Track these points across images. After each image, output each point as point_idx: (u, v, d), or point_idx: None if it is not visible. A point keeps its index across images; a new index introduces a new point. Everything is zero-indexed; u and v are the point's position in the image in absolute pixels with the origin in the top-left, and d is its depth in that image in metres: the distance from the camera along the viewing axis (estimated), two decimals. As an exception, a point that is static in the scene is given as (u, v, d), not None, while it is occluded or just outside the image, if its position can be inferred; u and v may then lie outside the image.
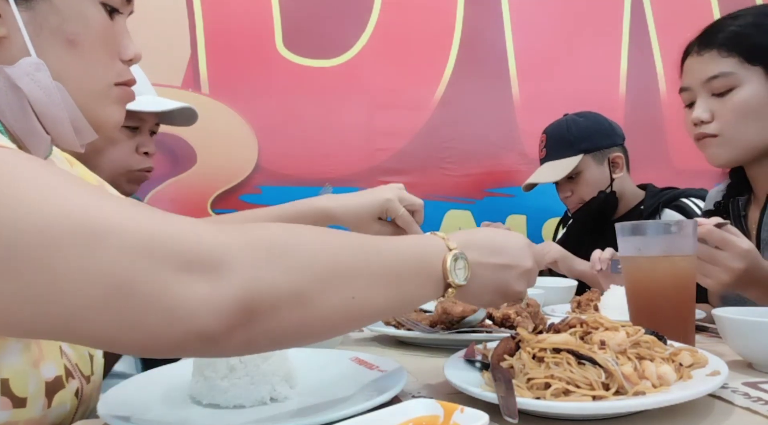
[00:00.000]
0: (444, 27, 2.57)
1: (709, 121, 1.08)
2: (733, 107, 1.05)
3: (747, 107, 1.05)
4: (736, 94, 1.05)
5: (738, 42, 1.05)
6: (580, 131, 1.80)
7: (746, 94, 1.05)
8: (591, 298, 1.16)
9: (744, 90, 1.05)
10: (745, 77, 1.05)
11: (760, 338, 0.68)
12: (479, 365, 0.65)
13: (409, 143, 2.50)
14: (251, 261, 0.41)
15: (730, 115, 1.06)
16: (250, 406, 0.58)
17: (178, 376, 0.63)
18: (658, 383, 0.55)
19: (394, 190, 0.98)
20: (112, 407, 0.54)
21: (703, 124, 1.09)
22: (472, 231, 0.62)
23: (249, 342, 0.43)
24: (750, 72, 1.05)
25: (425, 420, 0.47)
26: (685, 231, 0.78)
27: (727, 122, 1.06)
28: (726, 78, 1.05)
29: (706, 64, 1.08)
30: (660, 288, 0.79)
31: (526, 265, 0.62)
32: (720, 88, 1.06)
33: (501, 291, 0.61)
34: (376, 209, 0.96)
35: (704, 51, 1.09)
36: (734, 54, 1.05)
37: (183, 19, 2.33)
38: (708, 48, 1.08)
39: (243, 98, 2.34)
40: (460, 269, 0.55)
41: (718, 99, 1.07)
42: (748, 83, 1.05)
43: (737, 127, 1.06)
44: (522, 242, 0.63)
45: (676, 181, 1.84)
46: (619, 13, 2.70)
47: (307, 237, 0.47)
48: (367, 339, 1.04)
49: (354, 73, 2.47)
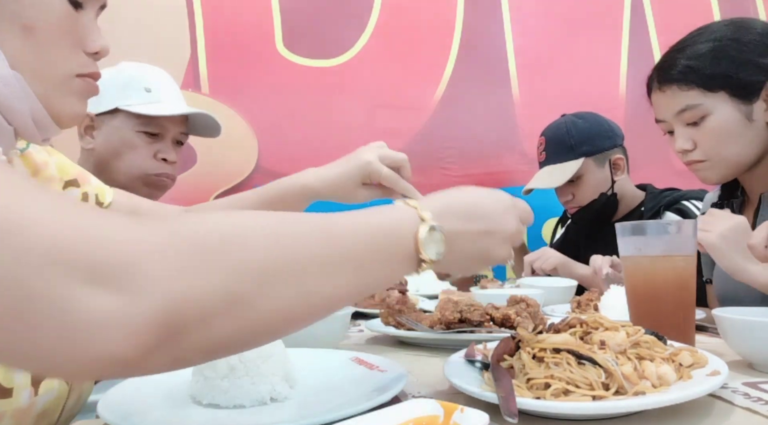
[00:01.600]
0: (444, 27, 2.57)
1: (692, 149, 1.11)
2: (711, 134, 1.09)
3: (723, 131, 1.08)
4: (709, 121, 1.08)
5: (694, 75, 1.08)
6: (580, 134, 1.76)
7: (719, 120, 1.07)
8: (591, 298, 1.16)
9: (715, 116, 1.08)
10: (712, 105, 1.07)
11: (760, 338, 0.68)
12: (479, 365, 0.65)
13: (409, 143, 2.50)
14: (173, 265, 0.34)
15: (710, 141, 1.09)
16: (250, 406, 0.58)
17: (178, 376, 0.63)
18: (658, 383, 0.55)
19: (373, 149, 0.93)
20: (112, 407, 0.54)
21: (688, 153, 1.12)
22: (448, 195, 0.55)
23: (176, 360, 0.36)
24: (715, 99, 1.07)
25: (425, 420, 0.47)
26: (685, 231, 0.79)
27: (709, 147, 1.10)
28: (694, 109, 1.08)
29: (671, 99, 1.11)
30: (660, 288, 0.79)
31: (509, 229, 0.56)
32: (692, 118, 1.09)
33: (482, 259, 0.56)
34: (358, 175, 0.91)
35: (664, 87, 1.12)
36: (693, 86, 1.08)
37: (183, 19, 2.33)
38: (668, 84, 1.11)
39: (243, 98, 2.34)
40: (435, 242, 0.49)
41: (694, 127, 1.10)
42: (717, 109, 1.07)
43: (719, 150, 1.09)
44: (505, 203, 0.57)
45: (675, 181, 1.84)
46: (619, 13, 2.70)
47: (250, 227, 0.40)
48: (367, 339, 1.04)
49: (354, 73, 2.47)
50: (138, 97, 1.30)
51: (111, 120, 1.32)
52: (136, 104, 1.29)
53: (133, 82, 1.31)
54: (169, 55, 2.24)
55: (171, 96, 1.38)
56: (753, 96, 1.06)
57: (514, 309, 0.89)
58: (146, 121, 1.31)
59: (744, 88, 1.06)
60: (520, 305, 0.91)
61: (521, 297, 0.93)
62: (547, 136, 1.85)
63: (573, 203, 1.81)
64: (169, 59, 2.22)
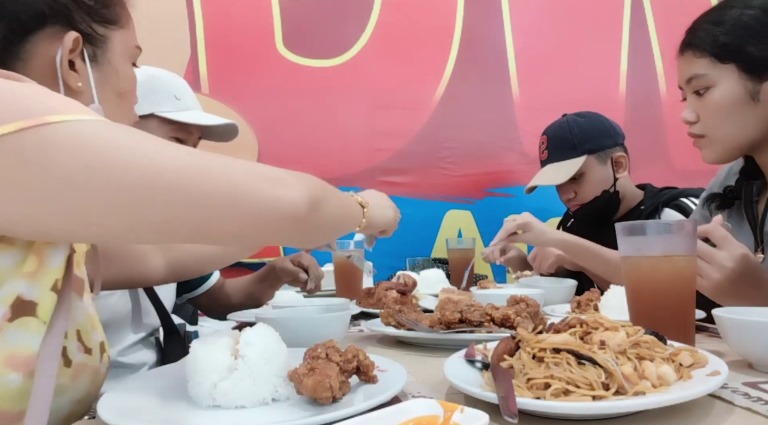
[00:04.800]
0: (444, 27, 2.57)
1: (695, 121, 1.08)
2: (711, 106, 1.05)
3: (721, 107, 1.04)
4: (711, 94, 1.05)
5: (708, 42, 1.04)
6: (582, 132, 1.78)
7: (719, 94, 1.04)
8: (591, 298, 1.16)
9: (718, 89, 1.04)
10: (718, 76, 1.04)
11: (760, 338, 0.68)
12: (479, 365, 0.65)
13: (409, 143, 2.50)
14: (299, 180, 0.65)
15: (709, 115, 1.06)
16: (252, 407, 0.58)
17: (179, 376, 0.63)
18: (658, 383, 0.55)
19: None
20: (112, 407, 0.55)
21: (691, 125, 1.09)
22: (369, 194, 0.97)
23: (317, 221, 0.68)
24: (722, 71, 1.03)
25: (425, 420, 0.47)
26: (685, 231, 0.78)
27: (708, 122, 1.07)
28: (701, 78, 1.05)
29: (686, 64, 1.09)
30: (660, 288, 0.79)
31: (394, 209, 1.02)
32: (699, 87, 1.06)
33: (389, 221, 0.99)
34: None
35: (685, 51, 1.09)
36: (706, 54, 1.04)
37: (183, 19, 2.33)
38: (687, 48, 1.08)
39: (243, 98, 2.34)
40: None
41: (700, 97, 1.07)
42: (722, 82, 1.04)
43: (716, 126, 1.06)
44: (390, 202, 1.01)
45: (675, 180, 1.84)
46: (619, 13, 2.70)
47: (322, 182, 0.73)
48: (367, 339, 1.04)
49: (354, 73, 2.47)
50: (170, 105, 1.34)
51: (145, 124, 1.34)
52: (169, 111, 1.33)
53: (162, 88, 1.35)
54: (169, 55, 2.24)
55: (195, 103, 1.42)
56: (764, 74, 1.00)
57: (514, 309, 0.89)
58: (178, 127, 1.36)
59: (755, 64, 1.01)
60: (520, 305, 0.91)
61: (521, 297, 0.93)
62: (549, 134, 1.86)
63: (575, 201, 1.82)
64: (169, 59, 2.22)
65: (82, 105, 0.57)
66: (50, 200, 0.52)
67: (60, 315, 0.58)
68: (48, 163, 0.51)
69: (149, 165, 0.54)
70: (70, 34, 0.71)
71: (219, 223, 0.60)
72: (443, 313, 0.90)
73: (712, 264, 0.85)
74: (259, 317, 0.83)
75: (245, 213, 0.60)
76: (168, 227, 0.58)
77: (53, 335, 0.57)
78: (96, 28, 0.75)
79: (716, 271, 0.85)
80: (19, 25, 0.69)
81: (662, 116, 2.62)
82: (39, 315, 0.56)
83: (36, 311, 0.57)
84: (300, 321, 0.94)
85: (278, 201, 0.61)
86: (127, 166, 0.53)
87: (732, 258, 0.85)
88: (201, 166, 0.57)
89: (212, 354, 0.59)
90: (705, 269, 0.86)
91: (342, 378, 0.58)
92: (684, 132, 1.16)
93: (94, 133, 0.53)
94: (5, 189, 0.51)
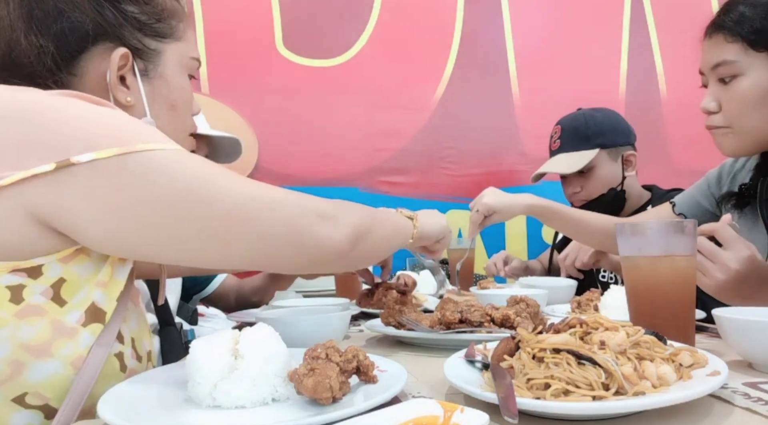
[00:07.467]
0: (444, 27, 2.57)
1: (716, 111, 1.05)
2: (737, 97, 1.01)
3: (750, 97, 1.00)
4: (739, 82, 1.01)
5: (743, 26, 1.00)
6: (597, 125, 1.78)
7: (749, 83, 1.00)
8: (591, 298, 1.16)
9: (747, 78, 1.00)
10: (748, 65, 1.00)
11: (760, 338, 0.68)
12: (479, 365, 0.65)
13: (409, 143, 2.50)
14: (346, 217, 0.72)
15: (735, 106, 1.02)
16: (252, 407, 0.58)
17: (179, 377, 0.63)
18: (658, 383, 0.55)
19: None
20: (112, 407, 0.54)
21: (712, 115, 1.06)
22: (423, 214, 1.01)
23: (360, 254, 0.75)
24: (754, 59, 0.99)
25: (425, 420, 0.47)
26: (685, 231, 0.78)
27: (733, 113, 1.03)
28: (729, 66, 1.01)
29: (713, 49, 1.04)
30: (660, 288, 0.79)
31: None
32: (725, 75, 1.03)
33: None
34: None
35: (714, 34, 1.04)
36: (739, 39, 1.00)
37: (183, 19, 2.32)
38: (717, 31, 1.04)
39: (243, 98, 2.34)
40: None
41: (724, 86, 1.03)
42: (752, 71, 1.00)
43: (743, 117, 1.02)
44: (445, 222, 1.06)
45: (676, 180, 1.84)
46: (619, 13, 2.70)
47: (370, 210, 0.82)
48: (367, 339, 1.04)
49: (354, 73, 2.47)
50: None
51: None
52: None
53: None
54: (169, 55, 2.24)
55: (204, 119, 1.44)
56: None
57: (514, 310, 0.89)
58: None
59: None
60: (520, 305, 0.91)
61: (521, 298, 0.93)
62: (564, 124, 1.86)
63: (580, 195, 1.81)
64: (169, 59, 2.22)
65: (161, 133, 0.62)
66: (144, 217, 0.59)
67: (116, 318, 0.65)
68: (148, 185, 0.58)
69: (226, 197, 0.62)
70: (117, 51, 0.71)
71: (276, 255, 0.67)
72: (443, 313, 0.90)
73: (717, 264, 0.85)
74: (259, 317, 0.83)
75: (298, 250, 0.67)
76: (232, 252, 0.65)
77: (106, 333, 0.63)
78: (148, 42, 0.75)
79: (720, 271, 0.84)
80: (66, 43, 0.70)
81: (662, 116, 2.62)
82: (106, 322, 0.63)
83: (105, 319, 0.62)
84: (300, 321, 0.94)
85: (328, 239, 0.69)
86: (210, 196, 0.61)
87: (738, 259, 0.84)
88: (266, 199, 0.64)
89: (212, 354, 0.59)
90: (709, 268, 0.85)
91: (342, 378, 0.58)
92: (684, 132, 1.15)
93: (178, 162, 0.60)
94: (107, 209, 0.57)
